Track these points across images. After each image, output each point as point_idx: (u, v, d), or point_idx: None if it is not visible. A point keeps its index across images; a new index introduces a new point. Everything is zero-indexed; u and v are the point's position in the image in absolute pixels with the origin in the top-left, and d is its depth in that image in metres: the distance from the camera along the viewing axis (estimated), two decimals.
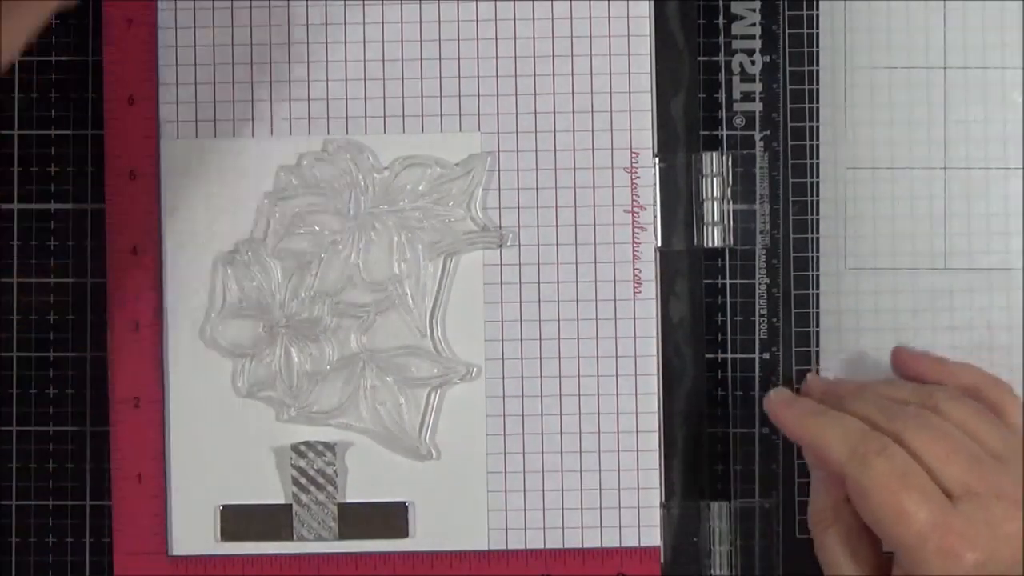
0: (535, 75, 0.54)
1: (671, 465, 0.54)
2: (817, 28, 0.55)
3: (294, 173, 0.54)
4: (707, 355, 0.54)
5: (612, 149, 0.54)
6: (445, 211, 0.54)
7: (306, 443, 0.53)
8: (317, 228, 0.53)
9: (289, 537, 0.53)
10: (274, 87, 0.54)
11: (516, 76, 0.54)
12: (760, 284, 0.54)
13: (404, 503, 0.54)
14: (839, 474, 0.45)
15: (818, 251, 0.55)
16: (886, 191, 0.55)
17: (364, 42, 0.54)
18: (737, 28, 0.54)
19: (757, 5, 0.54)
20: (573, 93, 0.54)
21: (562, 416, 0.54)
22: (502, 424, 0.54)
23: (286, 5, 0.54)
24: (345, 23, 0.54)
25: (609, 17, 0.54)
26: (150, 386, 0.53)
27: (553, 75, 0.54)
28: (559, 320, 0.54)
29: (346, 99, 0.54)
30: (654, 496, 0.54)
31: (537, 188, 0.54)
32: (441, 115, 0.54)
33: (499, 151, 0.54)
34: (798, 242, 0.55)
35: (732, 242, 0.54)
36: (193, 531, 0.54)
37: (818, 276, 0.55)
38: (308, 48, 0.54)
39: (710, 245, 0.54)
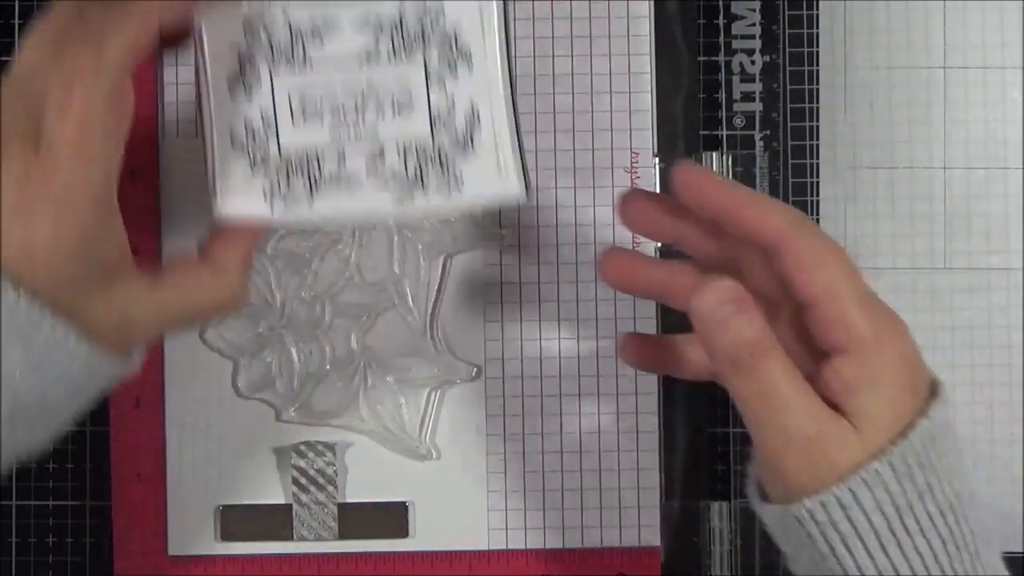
0: (535, 75, 0.54)
1: (671, 465, 0.54)
2: (817, 28, 0.55)
3: None
4: None
5: (612, 149, 0.54)
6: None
7: (306, 443, 0.53)
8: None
9: (289, 537, 0.53)
10: None
11: (516, 76, 0.54)
12: None
13: (404, 503, 0.54)
14: (778, 242, 0.40)
15: None
16: (886, 191, 0.55)
17: None
18: (737, 28, 0.55)
19: (757, 5, 0.54)
20: (573, 93, 0.54)
21: (562, 416, 0.54)
22: (502, 424, 0.54)
23: None
24: None
25: (609, 17, 0.54)
26: (150, 386, 0.53)
27: (553, 75, 0.54)
28: (559, 320, 0.54)
29: None
30: (654, 496, 0.54)
31: (537, 188, 0.54)
32: None
33: None
34: None
35: None
36: (193, 531, 0.54)
37: None
38: None
39: None
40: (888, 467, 0.38)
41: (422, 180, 0.39)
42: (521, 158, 0.40)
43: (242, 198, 0.40)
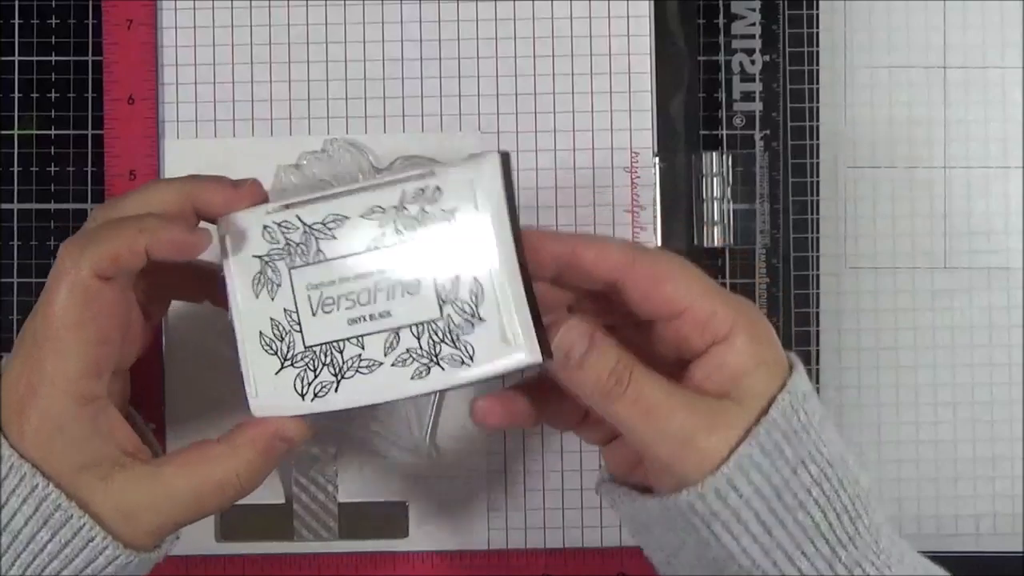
0: (535, 75, 0.54)
1: None
2: (817, 28, 0.55)
3: (294, 173, 0.54)
4: None
5: (612, 149, 0.54)
6: None
7: (306, 443, 0.53)
8: None
9: (289, 537, 0.53)
10: (274, 87, 0.54)
11: (516, 76, 0.54)
12: (760, 284, 0.54)
13: (404, 503, 0.54)
14: (626, 269, 0.41)
15: (818, 251, 0.55)
16: (886, 191, 0.55)
17: (364, 42, 0.54)
18: (737, 28, 0.55)
19: (757, 5, 0.54)
20: (573, 93, 0.54)
21: None
22: None
23: (286, 5, 0.54)
24: (345, 23, 0.54)
25: (609, 17, 0.54)
26: (150, 386, 0.53)
27: (553, 75, 0.54)
28: None
29: (346, 99, 0.54)
30: None
31: (537, 188, 0.54)
32: (441, 115, 0.54)
33: (499, 151, 0.54)
34: (798, 242, 0.55)
35: (732, 242, 0.54)
36: (193, 531, 0.53)
37: (818, 276, 0.55)
38: (308, 48, 0.54)
39: (710, 245, 0.54)
40: (757, 447, 0.39)
41: (436, 357, 0.40)
42: (536, 319, 0.39)
43: (275, 396, 0.41)
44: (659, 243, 0.53)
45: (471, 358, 0.40)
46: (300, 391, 0.41)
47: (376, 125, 0.54)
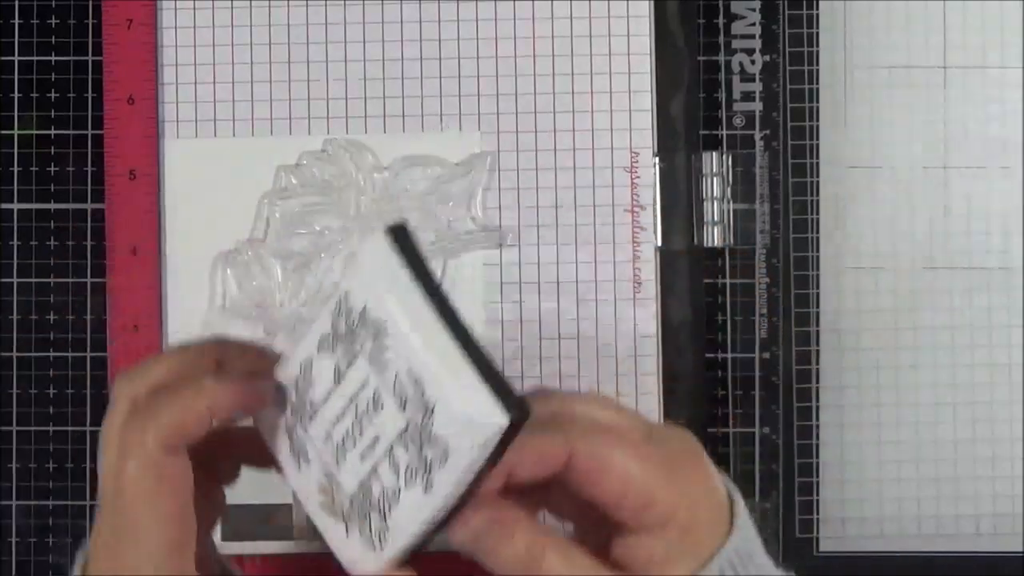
0: (535, 75, 0.54)
1: None
2: (817, 28, 0.55)
3: (294, 173, 0.54)
4: (707, 355, 0.54)
5: (612, 149, 0.54)
6: (445, 211, 0.54)
7: None
8: (317, 228, 0.53)
9: (289, 537, 0.53)
10: (274, 87, 0.54)
11: (516, 76, 0.54)
12: (760, 284, 0.54)
13: None
14: (561, 464, 0.38)
15: (818, 251, 0.55)
16: (886, 191, 0.55)
17: (364, 42, 0.54)
18: (737, 28, 0.55)
19: (757, 5, 0.54)
20: (573, 93, 0.54)
21: None
22: None
23: (286, 5, 0.54)
24: (345, 23, 0.54)
25: (609, 17, 0.54)
26: None
27: (553, 75, 0.54)
28: (559, 320, 0.54)
29: (346, 99, 0.54)
30: None
31: (537, 188, 0.54)
32: (441, 115, 0.54)
33: (499, 151, 0.54)
34: (798, 242, 0.55)
35: (732, 242, 0.54)
36: None
37: (818, 276, 0.55)
38: (308, 48, 0.54)
39: (710, 245, 0.54)
40: None
41: (427, 462, 0.37)
42: (488, 376, 0.35)
43: (359, 557, 0.39)
44: (659, 243, 0.53)
45: (445, 454, 0.36)
46: (372, 542, 0.39)
47: (376, 125, 0.54)
